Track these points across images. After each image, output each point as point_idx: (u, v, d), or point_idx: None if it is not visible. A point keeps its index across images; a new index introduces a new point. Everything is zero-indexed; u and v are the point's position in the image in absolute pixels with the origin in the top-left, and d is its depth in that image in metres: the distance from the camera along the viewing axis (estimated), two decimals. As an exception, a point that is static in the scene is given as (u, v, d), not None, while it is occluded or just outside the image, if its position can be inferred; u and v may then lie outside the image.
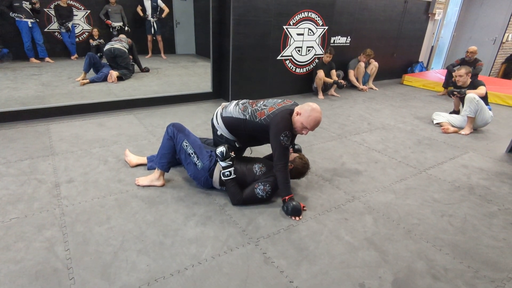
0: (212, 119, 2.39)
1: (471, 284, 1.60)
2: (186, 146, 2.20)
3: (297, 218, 2.03)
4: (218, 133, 2.32)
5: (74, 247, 1.70)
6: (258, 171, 2.17)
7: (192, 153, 2.20)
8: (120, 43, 5.34)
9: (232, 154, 2.13)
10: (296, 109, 2.12)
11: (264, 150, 2.88)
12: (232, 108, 2.27)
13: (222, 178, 2.11)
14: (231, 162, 2.10)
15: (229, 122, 2.25)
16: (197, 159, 2.19)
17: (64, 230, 1.83)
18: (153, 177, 2.32)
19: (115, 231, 1.84)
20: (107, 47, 5.28)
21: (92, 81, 4.99)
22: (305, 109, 2.06)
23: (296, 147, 2.45)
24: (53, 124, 3.41)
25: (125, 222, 1.92)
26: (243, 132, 2.26)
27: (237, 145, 2.37)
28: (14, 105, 3.69)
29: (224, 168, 2.09)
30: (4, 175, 2.36)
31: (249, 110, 2.20)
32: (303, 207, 2.12)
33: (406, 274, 1.64)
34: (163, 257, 1.67)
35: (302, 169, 2.25)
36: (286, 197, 2.07)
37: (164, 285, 1.50)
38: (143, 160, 2.60)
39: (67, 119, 3.59)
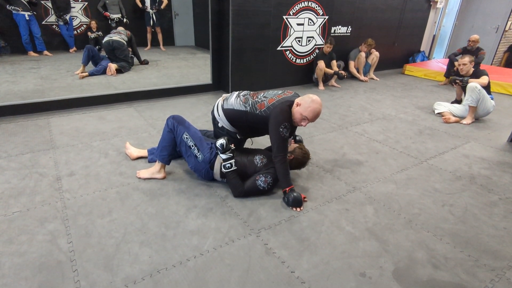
0: (213, 111, 2.38)
1: (472, 273, 1.61)
2: (187, 138, 2.19)
3: (298, 209, 2.04)
4: (219, 125, 2.32)
5: (77, 240, 1.71)
6: (259, 163, 2.17)
7: (192, 146, 2.19)
8: (118, 35, 5.28)
9: (232, 146, 2.13)
10: (297, 100, 2.12)
11: (264, 141, 2.88)
12: (234, 100, 2.26)
13: (223, 170, 2.12)
14: (231, 154, 2.10)
15: (230, 114, 2.25)
16: (198, 152, 2.19)
17: (66, 223, 1.84)
18: (154, 169, 2.32)
19: (117, 223, 1.85)
20: (105, 39, 5.22)
21: (91, 74, 4.97)
22: (305, 100, 2.06)
23: (297, 138, 2.44)
24: (53, 118, 3.40)
25: (127, 214, 1.93)
26: (244, 124, 2.26)
27: (238, 137, 2.37)
28: (14, 99, 3.68)
29: (224, 160, 2.09)
30: (5, 169, 2.37)
31: (250, 102, 2.20)
32: (304, 198, 2.12)
33: (407, 264, 1.65)
34: (165, 248, 1.68)
35: (302, 159, 2.24)
36: (287, 188, 2.08)
37: (167, 277, 1.51)
38: (144, 152, 2.60)
39: (67, 112, 3.58)
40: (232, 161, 2.10)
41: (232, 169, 2.10)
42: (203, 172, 2.24)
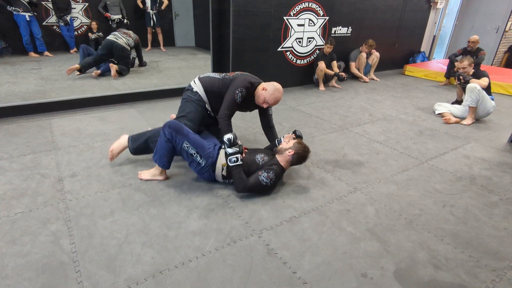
0: (190, 84, 2.58)
1: (473, 273, 1.62)
2: (187, 147, 2.16)
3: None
4: (194, 90, 2.50)
5: (79, 241, 1.72)
6: (261, 161, 2.18)
7: (194, 153, 2.17)
8: (126, 40, 5.04)
9: (239, 142, 2.15)
10: (263, 84, 2.43)
11: (262, 142, 2.88)
12: (210, 73, 2.63)
13: (229, 164, 2.11)
14: (237, 149, 2.11)
15: (206, 81, 2.51)
16: (200, 158, 2.18)
17: (68, 224, 1.84)
18: (155, 171, 2.32)
19: (119, 224, 1.86)
20: (110, 37, 4.95)
21: (103, 72, 4.96)
22: (270, 88, 2.38)
23: (297, 133, 2.48)
24: (54, 119, 3.41)
25: (129, 215, 1.94)
26: (216, 92, 2.46)
27: (209, 111, 2.54)
28: (15, 100, 3.69)
29: (230, 154, 2.09)
30: (7, 170, 2.37)
31: (224, 74, 2.55)
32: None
33: (408, 264, 1.66)
34: (167, 249, 1.69)
35: (303, 153, 2.25)
36: None
37: (169, 277, 1.52)
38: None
39: (69, 113, 3.59)
40: (238, 155, 2.10)
41: (237, 163, 2.11)
42: (206, 175, 2.25)
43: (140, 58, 5.83)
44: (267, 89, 2.37)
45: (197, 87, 2.50)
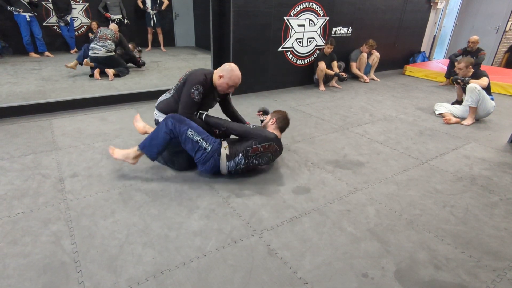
0: (154, 117, 2.59)
1: (473, 273, 1.62)
2: (192, 134, 2.20)
3: None
4: (159, 120, 2.49)
5: (80, 241, 1.72)
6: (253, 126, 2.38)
7: (200, 140, 2.22)
8: (104, 48, 4.81)
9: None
10: (218, 73, 2.35)
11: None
12: (162, 96, 2.56)
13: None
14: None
15: (162, 107, 2.49)
16: (206, 144, 2.23)
17: (69, 224, 1.85)
18: (130, 153, 2.30)
19: (120, 224, 1.86)
20: (91, 54, 4.80)
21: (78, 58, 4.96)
22: (227, 70, 2.33)
23: (263, 108, 2.66)
24: (55, 119, 3.42)
25: (130, 215, 1.94)
26: (177, 109, 2.40)
27: None
28: (16, 100, 3.69)
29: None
30: (8, 170, 2.38)
31: (172, 87, 2.48)
32: None
33: (409, 264, 1.66)
34: (168, 249, 1.69)
35: (282, 115, 2.48)
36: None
37: (170, 277, 1.52)
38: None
39: (69, 113, 3.60)
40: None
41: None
42: (211, 162, 2.26)
43: (132, 57, 5.50)
44: (224, 75, 2.32)
45: (160, 116, 2.48)
